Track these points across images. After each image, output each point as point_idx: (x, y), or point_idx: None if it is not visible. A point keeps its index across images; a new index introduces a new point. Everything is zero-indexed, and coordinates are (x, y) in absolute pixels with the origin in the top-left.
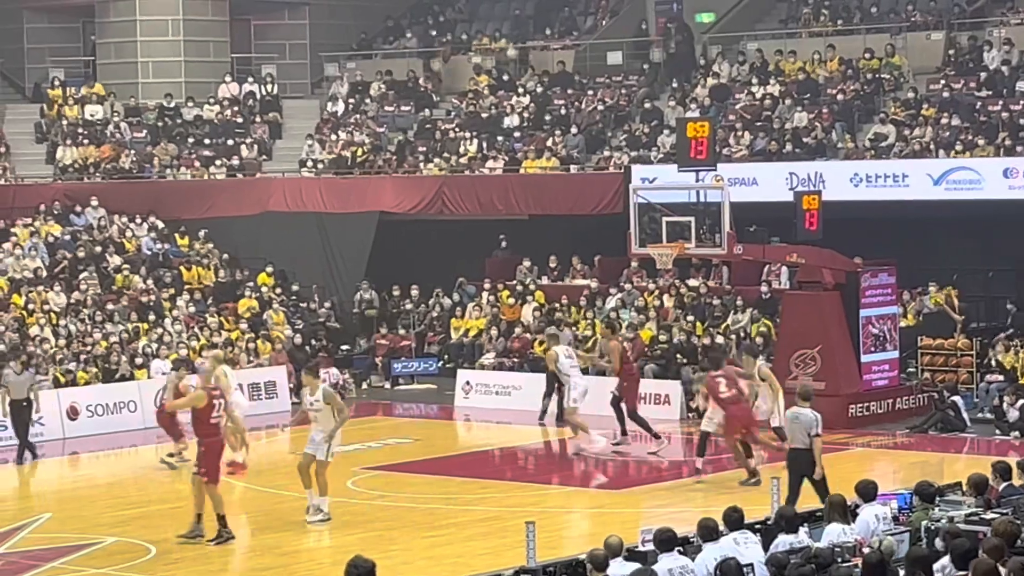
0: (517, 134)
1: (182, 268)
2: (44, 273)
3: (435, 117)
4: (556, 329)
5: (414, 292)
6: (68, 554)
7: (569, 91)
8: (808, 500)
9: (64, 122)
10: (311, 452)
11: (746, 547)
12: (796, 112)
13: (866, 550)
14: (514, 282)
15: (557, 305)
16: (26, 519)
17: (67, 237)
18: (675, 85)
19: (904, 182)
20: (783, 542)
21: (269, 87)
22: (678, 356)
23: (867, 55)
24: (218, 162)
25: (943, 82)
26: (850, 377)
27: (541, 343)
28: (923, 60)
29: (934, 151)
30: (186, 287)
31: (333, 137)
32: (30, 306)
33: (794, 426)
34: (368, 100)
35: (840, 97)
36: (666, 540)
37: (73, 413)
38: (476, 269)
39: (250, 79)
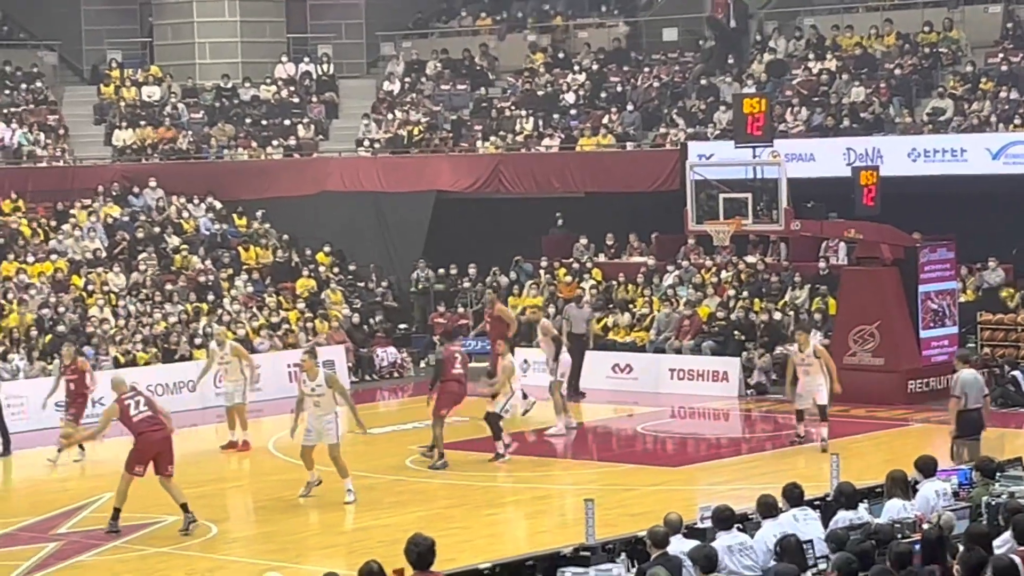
0: (573, 112)
1: (240, 248)
2: (103, 254)
3: (491, 95)
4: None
5: (471, 270)
6: (129, 533)
7: (625, 68)
8: (869, 476)
9: (122, 104)
10: (309, 445)
11: (805, 523)
12: (853, 87)
13: (926, 526)
14: (571, 260)
15: (614, 283)
16: (87, 499)
17: (126, 218)
18: (731, 61)
19: (962, 157)
20: (843, 518)
21: (325, 67)
22: (736, 333)
23: (925, 28)
24: (275, 142)
25: (1001, 55)
26: (909, 353)
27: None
28: (981, 34)
29: (993, 125)
30: (244, 267)
31: (389, 116)
32: (90, 287)
33: (972, 387)
34: (424, 79)
35: (897, 72)
36: (724, 519)
37: None
38: (533, 247)
39: (306, 59)
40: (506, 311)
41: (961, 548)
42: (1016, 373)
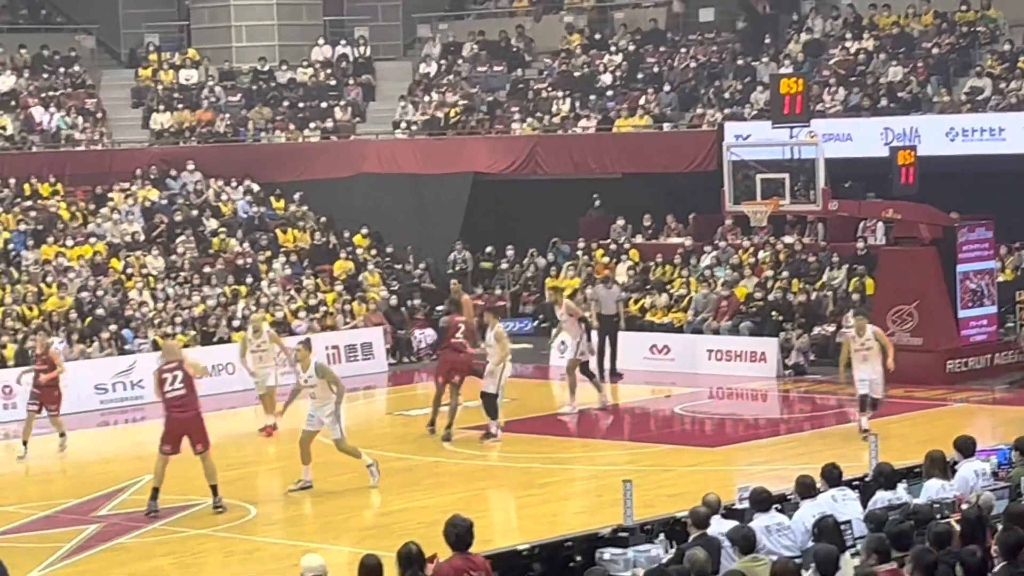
0: (610, 93)
1: (278, 231)
2: (142, 237)
3: (527, 77)
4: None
5: (509, 252)
6: (170, 515)
7: (661, 49)
8: (908, 456)
9: (159, 87)
10: (311, 429)
11: (844, 504)
12: (891, 66)
13: (965, 506)
14: (608, 241)
15: (652, 263)
16: (128, 481)
17: (164, 201)
18: (768, 41)
19: (1001, 136)
20: (881, 498)
21: (362, 49)
22: (773, 313)
23: (963, 7)
24: (312, 125)
25: None
26: (948, 333)
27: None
28: (1019, 12)
29: None
30: (282, 250)
31: (426, 98)
32: (128, 270)
33: None
34: (460, 61)
35: (935, 51)
36: (760, 501)
37: None
38: (570, 228)
39: (343, 41)
40: (468, 302)
41: (999, 528)
42: None
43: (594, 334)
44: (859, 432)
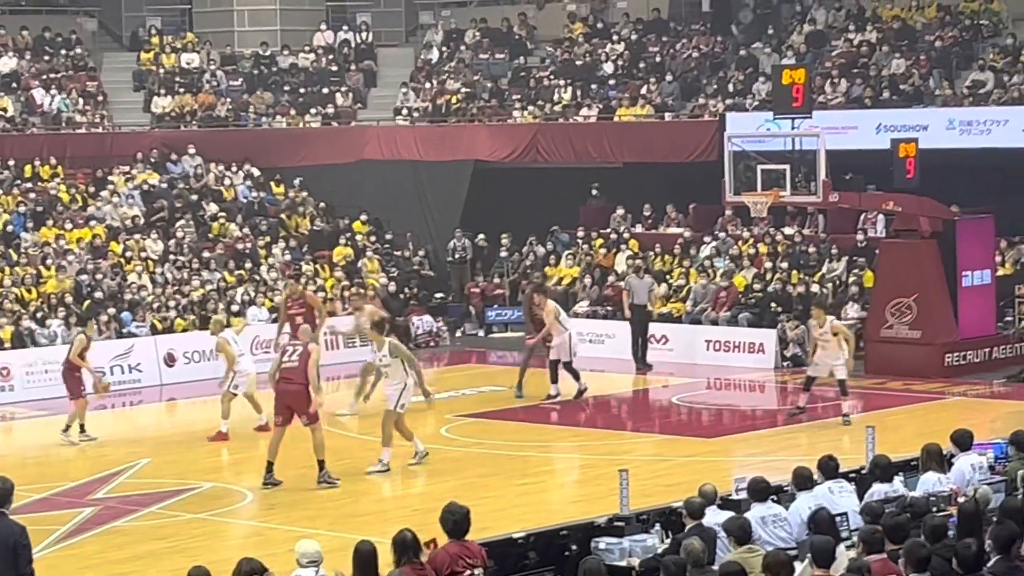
0: (612, 82)
1: (278, 216)
2: (141, 221)
3: (529, 65)
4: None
5: (508, 240)
6: (166, 499)
7: (664, 38)
8: (905, 449)
9: (161, 71)
10: (391, 408)
11: (841, 496)
12: (893, 59)
13: (961, 499)
14: (608, 230)
15: (651, 253)
16: (124, 464)
17: (164, 185)
18: (771, 32)
19: (1002, 129)
20: (878, 491)
21: (364, 35)
22: (772, 304)
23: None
24: (313, 110)
25: None
26: (946, 326)
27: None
28: (1022, 6)
29: None
30: (282, 235)
31: (428, 85)
32: (127, 254)
33: None
34: (463, 48)
35: (938, 44)
36: (759, 491)
37: (170, 360)
38: (570, 217)
39: (345, 27)
40: (315, 298)
41: (994, 522)
42: None
43: (626, 325)
44: (795, 413)
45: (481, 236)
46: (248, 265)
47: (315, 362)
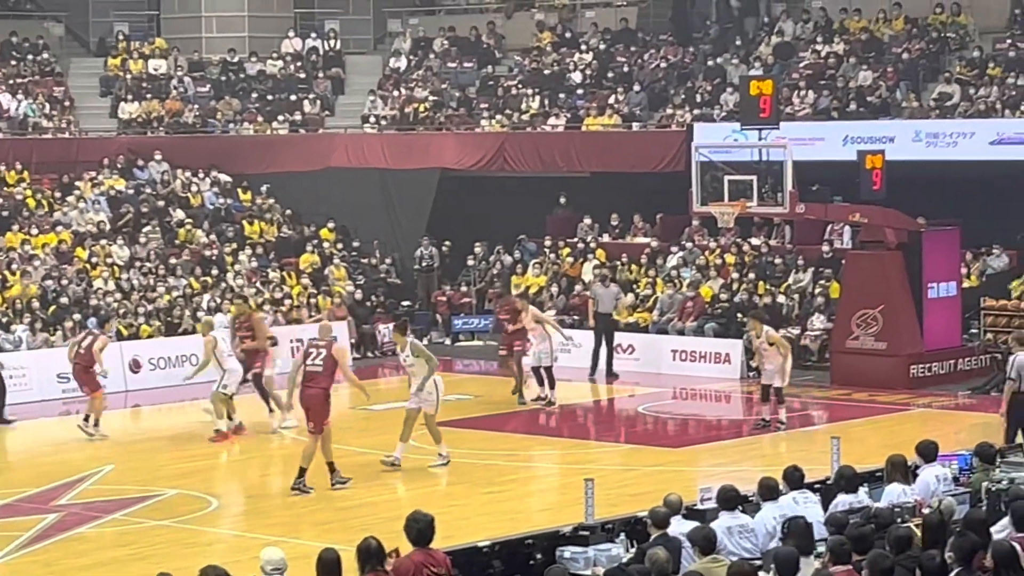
0: (580, 91)
1: (244, 223)
2: (107, 227)
3: (497, 73)
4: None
5: (475, 249)
6: (129, 506)
7: (632, 48)
8: (870, 460)
9: (128, 76)
10: (414, 406)
11: (806, 507)
12: (860, 71)
13: (926, 511)
14: (575, 239)
15: (618, 263)
16: (88, 471)
17: (130, 191)
18: (739, 43)
19: (969, 142)
20: (843, 502)
21: (332, 42)
22: (739, 315)
23: (937, 10)
24: (280, 117)
25: (1009, 41)
26: (912, 338)
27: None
28: (989, 19)
29: (999, 111)
30: (248, 242)
31: (395, 93)
32: (93, 259)
33: None
34: (431, 56)
35: (905, 56)
36: (728, 499)
37: (136, 366)
38: (537, 226)
39: (313, 34)
40: (260, 324)
41: (955, 533)
42: None
43: (590, 333)
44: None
45: (447, 244)
46: (214, 272)
47: (346, 364)
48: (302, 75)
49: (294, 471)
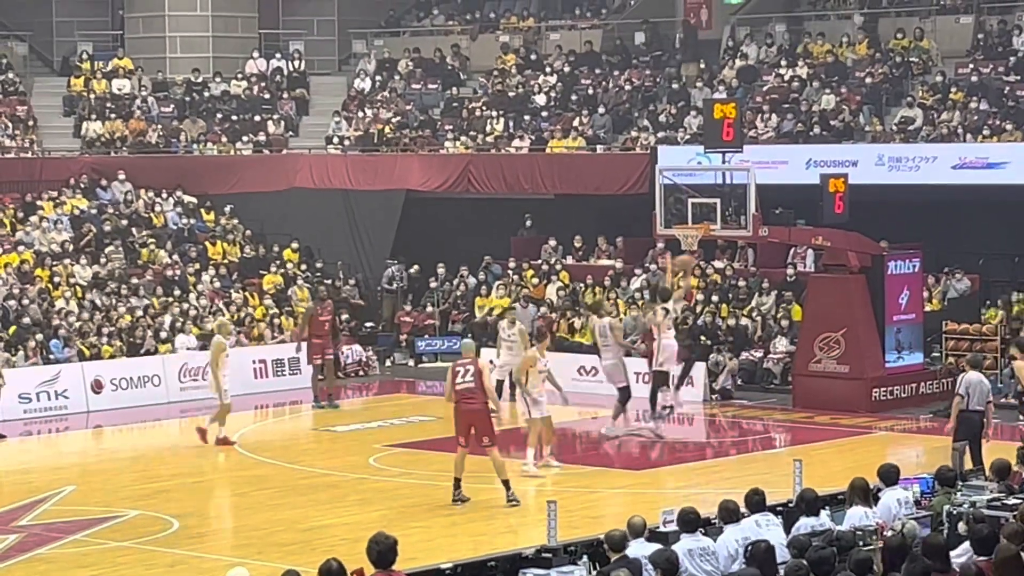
0: (544, 113)
1: (207, 243)
2: (70, 246)
3: (462, 95)
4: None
5: (439, 270)
6: (91, 527)
7: (596, 71)
8: (832, 483)
9: (92, 96)
10: (537, 416)
11: (767, 529)
12: (824, 95)
13: (888, 533)
14: (539, 261)
15: (582, 285)
16: (49, 491)
17: (93, 211)
18: (703, 66)
19: (931, 166)
20: (804, 525)
21: (297, 63)
22: (702, 337)
23: (899, 35)
24: (245, 138)
25: (972, 66)
26: (874, 361)
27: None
28: (952, 44)
29: (961, 135)
30: (211, 262)
31: (360, 114)
32: (55, 279)
33: (975, 388)
34: (396, 77)
35: (868, 80)
36: (690, 521)
37: (97, 387)
38: (501, 248)
39: (278, 55)
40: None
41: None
42: None
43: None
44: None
45: (415, 267)
46: (177, 292)
47: (488, 376)
48: (266, 95)
49: (257, 492)
